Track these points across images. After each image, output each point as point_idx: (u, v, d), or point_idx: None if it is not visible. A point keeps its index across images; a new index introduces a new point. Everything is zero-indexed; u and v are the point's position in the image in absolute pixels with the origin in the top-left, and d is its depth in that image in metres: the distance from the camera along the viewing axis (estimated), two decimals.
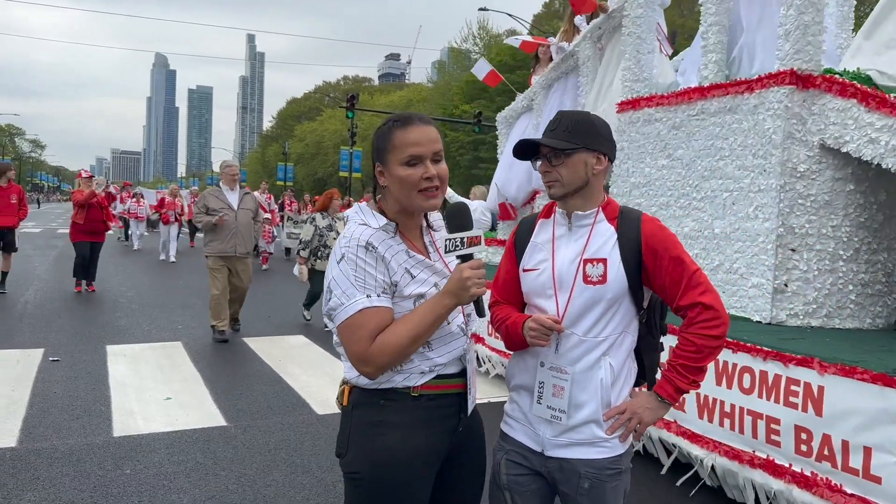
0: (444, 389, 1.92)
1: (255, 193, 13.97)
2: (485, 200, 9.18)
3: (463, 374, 1.95)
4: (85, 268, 10.98)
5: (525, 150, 2.07)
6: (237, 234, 7.72)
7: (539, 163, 2.06)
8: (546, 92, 7.61)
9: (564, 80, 7.42)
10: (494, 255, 7.68)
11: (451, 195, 7.93)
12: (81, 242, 10.96)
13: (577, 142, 1.97)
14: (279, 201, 21.31)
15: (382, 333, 1.79)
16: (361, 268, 1.81)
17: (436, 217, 2.08)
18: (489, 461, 2.12)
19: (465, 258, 1.82)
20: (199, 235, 24.09)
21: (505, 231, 8.31)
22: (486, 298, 2.00)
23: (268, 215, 15.45)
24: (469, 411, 1.97)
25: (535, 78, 7.98)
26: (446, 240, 1.82)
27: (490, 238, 8.20)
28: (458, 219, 1.85)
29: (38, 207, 62.67)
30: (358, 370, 1.84)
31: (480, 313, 1.86)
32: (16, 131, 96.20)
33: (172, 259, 16.80)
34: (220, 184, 8.09)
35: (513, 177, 7.86)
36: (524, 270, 2.10)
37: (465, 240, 1.81)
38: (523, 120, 8.15)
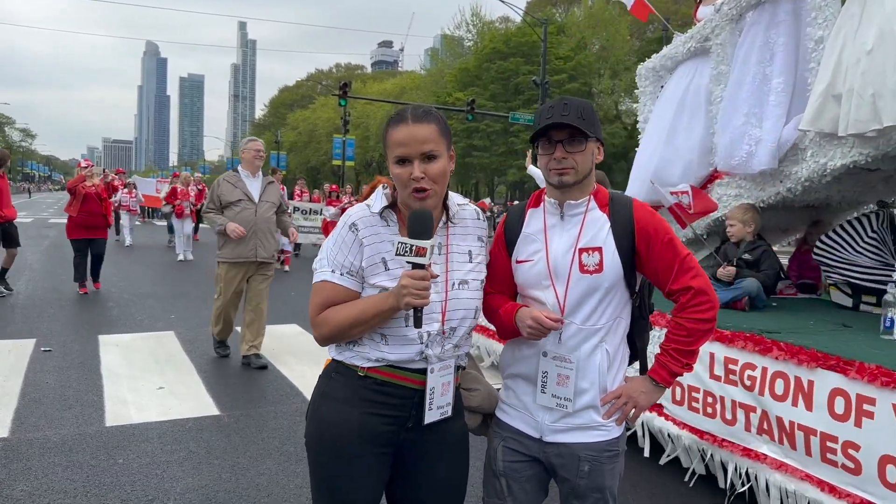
0: (395, 379, 1.89)
1: None
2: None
3: (423, 371, 1.90)
4: (85, 267, 10.08)
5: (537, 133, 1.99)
6: (257, 234, 6.14)
7: (554, 148, 1.96)
8: (733, 26, 5.14)
9: (772, 7, 4.88)
10: None
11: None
12: (77, 240, 9.96)
13: (591, 130, 1.95)
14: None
15: (332, 309, 1.90)
16: (338, 244, 1.92)
17: (466, 215, 2.04)
18: (476, 465, 2.12)
19: (415, 266, 1.77)
20: (203, 226, 23.12)
21: None
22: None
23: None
24: (426, 421, 1.90)
25: (705, 9, 5.74)
26: (399, 242, 1.78)
27: None
28: (416, 225, 1.79)
29: (30, 197, 62.38)
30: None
31: (417, 324, 1.80)
32: (5, 120, 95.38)
33: (189, 257, 14.82)
34: (240, 168, 6.36)
35: (674, 155, 5.49)
36: (517, 262, 2.09)
37: (413, 248, 1.76)
38: (685, 71, 5.70)
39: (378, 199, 1.94)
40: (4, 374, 5.69)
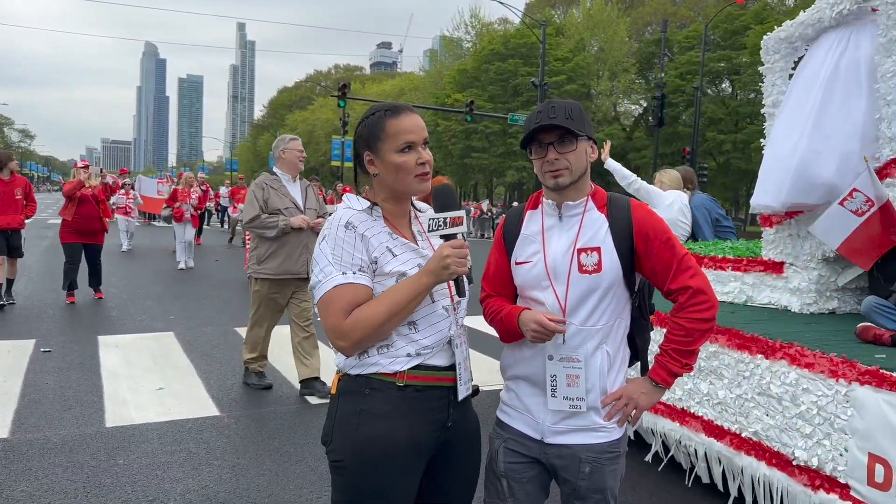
0: (432, 381, 1.91)
1: None
2: (681, 189, 6.17)
3: (452, 368, 1.94)
4: (75, 275, 9.45)
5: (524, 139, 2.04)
6: (308, 246, 5.32)
7: (546, 151, 1.98)
8: None
9: None
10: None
11: (632, 180, 5.68)
12: (71, 244, 9.35)
13: (580, 129, 1.97)
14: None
15: (359, 309, 1.83)
16: (339, 246, 1.86)
17: (424, 207, 2.12)
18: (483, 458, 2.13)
19: (447, 238, 1.85)
20: (207, 228, 22.45)
21: (782, 245, 4.57)
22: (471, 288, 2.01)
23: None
24: (461, 397, 1.95)
25: None
26: (430, 219, 1.85)
27: (753, 258, 4.68)
28: (444, 199, 1.88)
29: None
30: (335, 346, 1.88)
31: (461, 293, 1.89)
32: (4, 121, 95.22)
33: (191, 264, 13.67)
34: (277, 169, 5.52)
35: (824, 145, 4.28)
36: (517, 263, 2.10)
37: (448, 220, 1.84)
38: (834, 40, 4.45)
39: (355, 199, 1.97)
40: (4, 375, 5.69)
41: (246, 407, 5.17)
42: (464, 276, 1.87)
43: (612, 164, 5.95)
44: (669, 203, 5.92)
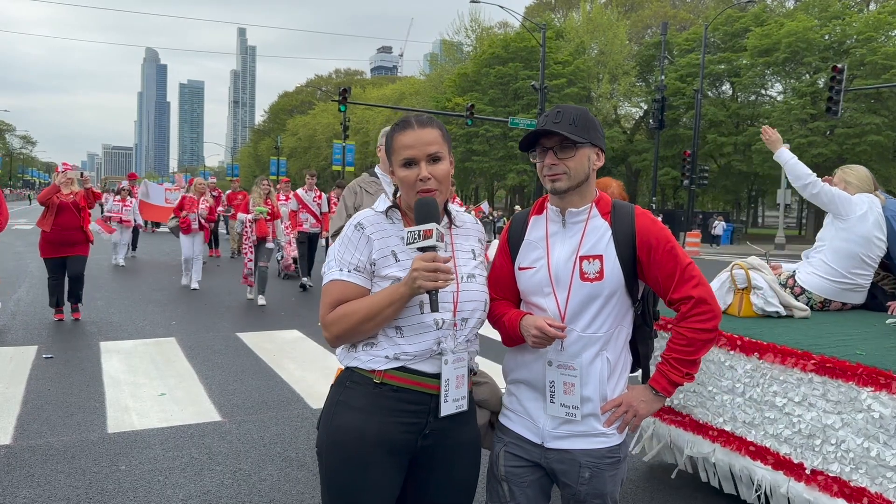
0: (410, 385, 1.91)
1: (300, 191, 11.60)
2: (872, 192, 4.48)
3: (438, 376, 1.93)
4: (61, 289, 8.47)
5: (524, 142, 2.06)
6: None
7: (546, 155, 2.01)
8: None
9: None
10: None
11: (808, 181, 4.34)
12: (51, 259, 8.27)
13: (583, 136, 1.98)
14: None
15: (342, 306, 1.92)
16: (345, 245, 1.96)
17: (465, 219, 2.11)
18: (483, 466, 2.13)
19: (424, 250, 1.84)
20: (218, 232, 22.16)
21: None
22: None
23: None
24: (443, 413, 1.93)
25: None
26: (408, 231, 1.86)
27: None
28: (418, 212, 1.88)
29: (30, 204, 62.70)
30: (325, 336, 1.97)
31: (433, 307, 1.84)
32: (6, 127, 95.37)
33: (195, 285, 11.43)
34: (378, 169, 4.41)
35: None
36: (520, 269, 2.11)
37: (421, 233, 1.84)
38: None
39: (381, 201, 2.02)
40: (6, 382, 5.70)
41: (248, 412, 5.17)
42: (438, 293, 1.83)
43: (783, 156, 4.51)
44: (863, 213, 4.29)
